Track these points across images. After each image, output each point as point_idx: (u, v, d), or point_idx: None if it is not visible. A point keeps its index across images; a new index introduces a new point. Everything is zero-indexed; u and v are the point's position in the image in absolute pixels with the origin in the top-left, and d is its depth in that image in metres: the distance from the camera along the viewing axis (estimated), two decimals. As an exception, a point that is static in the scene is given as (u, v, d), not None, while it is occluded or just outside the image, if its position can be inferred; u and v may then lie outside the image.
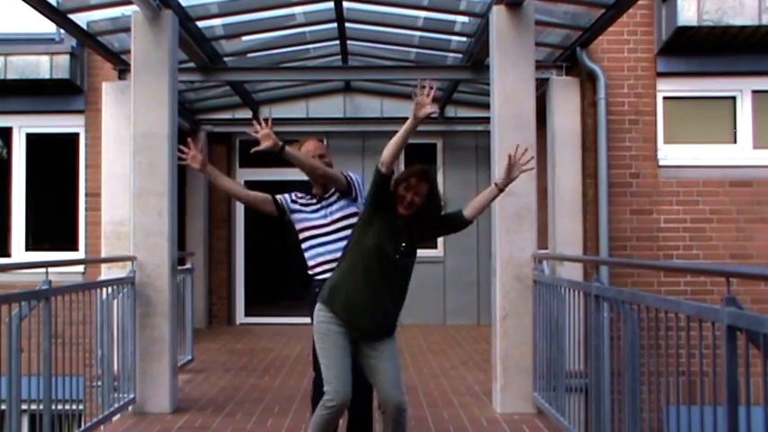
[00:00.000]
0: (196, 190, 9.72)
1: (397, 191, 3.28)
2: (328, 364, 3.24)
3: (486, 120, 5.91)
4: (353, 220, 3.70)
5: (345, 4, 6.51)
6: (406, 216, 3.30)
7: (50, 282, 3.89)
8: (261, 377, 6.45)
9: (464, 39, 6.96)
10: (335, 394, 3.18)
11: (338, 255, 3.58)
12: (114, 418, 4.96)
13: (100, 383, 4.83)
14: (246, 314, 10.26)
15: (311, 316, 3.47)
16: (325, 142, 4.11)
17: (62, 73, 7.86)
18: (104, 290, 4.83)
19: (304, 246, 3.86)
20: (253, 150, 3.60)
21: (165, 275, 5.19)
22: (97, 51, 6.87)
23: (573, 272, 6.44)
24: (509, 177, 3.56)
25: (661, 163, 7.32)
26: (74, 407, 4.44)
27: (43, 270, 3.92)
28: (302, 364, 6.84)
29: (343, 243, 3.59)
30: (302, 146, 3.89)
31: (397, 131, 3.22)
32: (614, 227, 7.14)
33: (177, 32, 5.50)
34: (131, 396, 5.09)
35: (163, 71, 5.28)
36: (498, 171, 3.27)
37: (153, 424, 4.85)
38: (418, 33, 7.24)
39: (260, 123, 3.58)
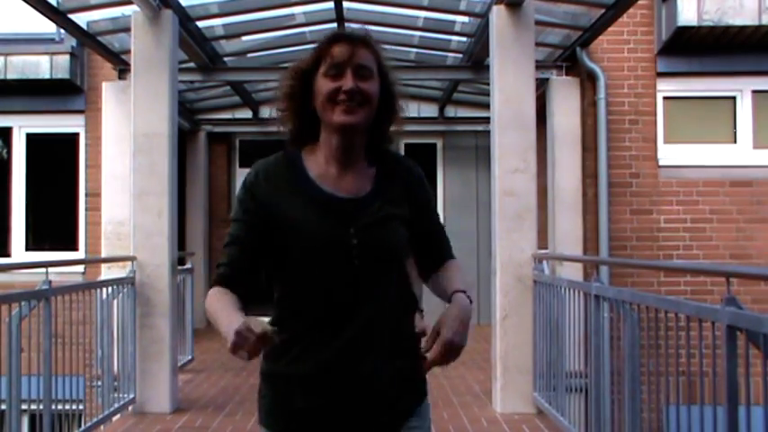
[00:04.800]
0: (196, 190, 9.71)
1: (318, 86, 1.67)
2: None
3: (486, 120, 5.91)
4: None
5: (345, 4, 6.51)
6: (350, 125, 1.65)
7: (50, 282, 3.90)
8: (261, 377, 6.45)
9: (464, 39, 6.95)
10: None
11: None
12: (114, 418, 4.96)
13: (100, 383, 4.83)
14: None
15: None
16: None
17: (62, 73, 7.86)
18: (104, 290, 4.84)
19: None
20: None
21: (165, 275, 5.19)
22: (97, 51, 6.87)
23: (573, 272, 6.43)
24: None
25: (661, 163, 7.32)
26: (74, 407, 4.44)
27: (43, 270, 3.93)
28: (302, 364, 6.83)
29: None
30: None
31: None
32: (614, 227, 7.13)
33: (177, 32, 5.50)
34: (131, 396, 5.09)
35: (163, 71, 5.28)
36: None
37: (153, 424, 4.85)
38: (418, 33, 7.23)
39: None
